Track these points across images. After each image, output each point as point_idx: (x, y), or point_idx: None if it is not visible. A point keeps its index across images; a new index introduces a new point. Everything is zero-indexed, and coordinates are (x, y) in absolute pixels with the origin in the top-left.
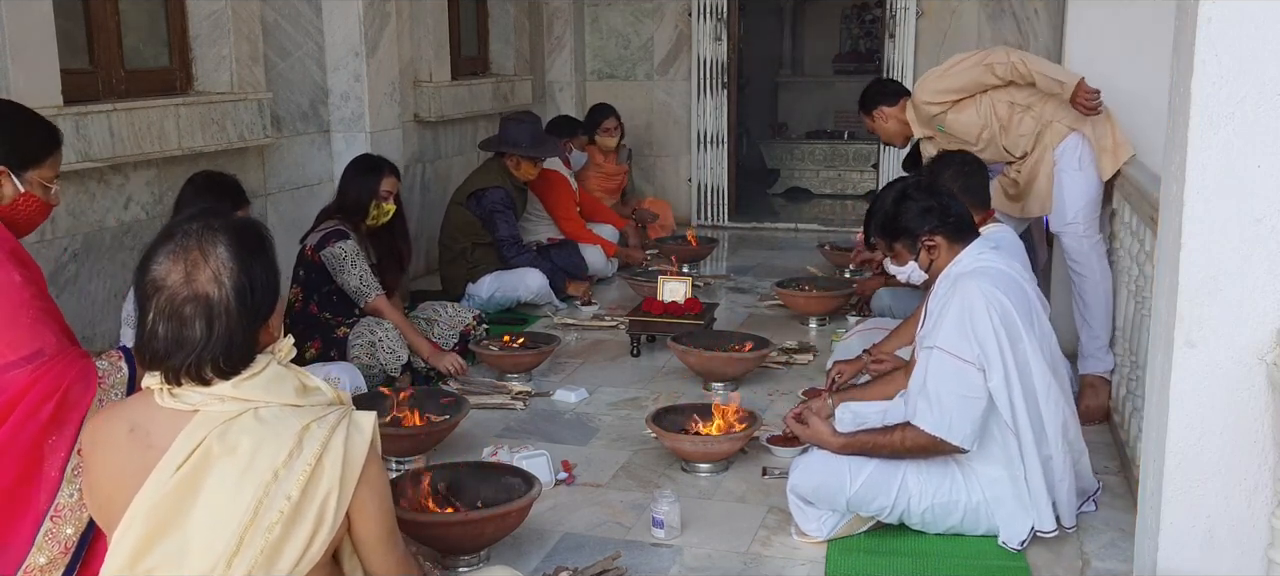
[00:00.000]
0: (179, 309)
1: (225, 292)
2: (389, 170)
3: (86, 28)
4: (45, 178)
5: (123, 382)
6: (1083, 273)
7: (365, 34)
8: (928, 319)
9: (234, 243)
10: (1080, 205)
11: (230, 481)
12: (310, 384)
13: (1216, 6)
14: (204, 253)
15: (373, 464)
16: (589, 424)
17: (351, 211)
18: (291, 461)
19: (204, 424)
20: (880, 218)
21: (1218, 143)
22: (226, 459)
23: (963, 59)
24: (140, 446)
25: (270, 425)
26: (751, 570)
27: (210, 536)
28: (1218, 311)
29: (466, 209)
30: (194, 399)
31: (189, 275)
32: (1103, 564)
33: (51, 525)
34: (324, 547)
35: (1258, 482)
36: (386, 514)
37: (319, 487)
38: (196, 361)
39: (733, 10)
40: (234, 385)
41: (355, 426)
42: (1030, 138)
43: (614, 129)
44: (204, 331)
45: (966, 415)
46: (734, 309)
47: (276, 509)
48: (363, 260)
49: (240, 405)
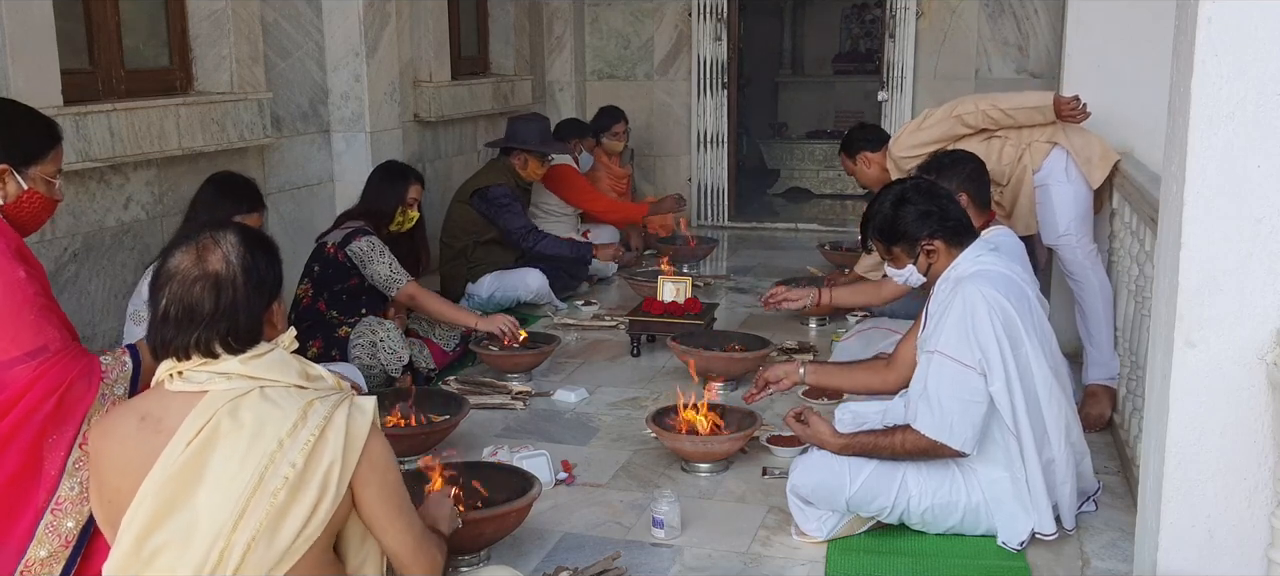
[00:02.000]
0: (190, 288)
1: (233, 269)
2: (415, 178)
3: (86, 28)
4: (48, 174)
5: (126, 378)
6: (1080, 282)
7: (365, 34)
8: (928, 322)
9: (242, 234)
10: (1071, 216)
11: (237, 453)
12: (313, 372)
13: (1216, 6)
14: (215, 240)
15: (376, 440)
16: (589, 424)
17: (377, 217)
18: (296, 431)
19: (213, 402)
20: (878, 221)
21: (1218, 143)
22: (234, 433)
23: (932, 113)
24: (151, 432)
25: (276, 401)
26: (751, 570)
27: (216, 508)
28: (1217, 311)
29: (470, 207)
30: (202, 378)
31: (199, 258)
32: (1103, 564)
33: (52, 518)
34: (326, 520)
35: (1258, 482)
36: (394, 489)
37: (322, 457)
38: (206, 334)
39: (733, 10)
40: (242, 361)
41: (357, 407)
42: (1013, 162)
43: (622, 133)
44: (212, 303)
45: (967, 419)
46: (734, 309)
47: (281, 475)
48: (389, 252)
49: (247, 383)
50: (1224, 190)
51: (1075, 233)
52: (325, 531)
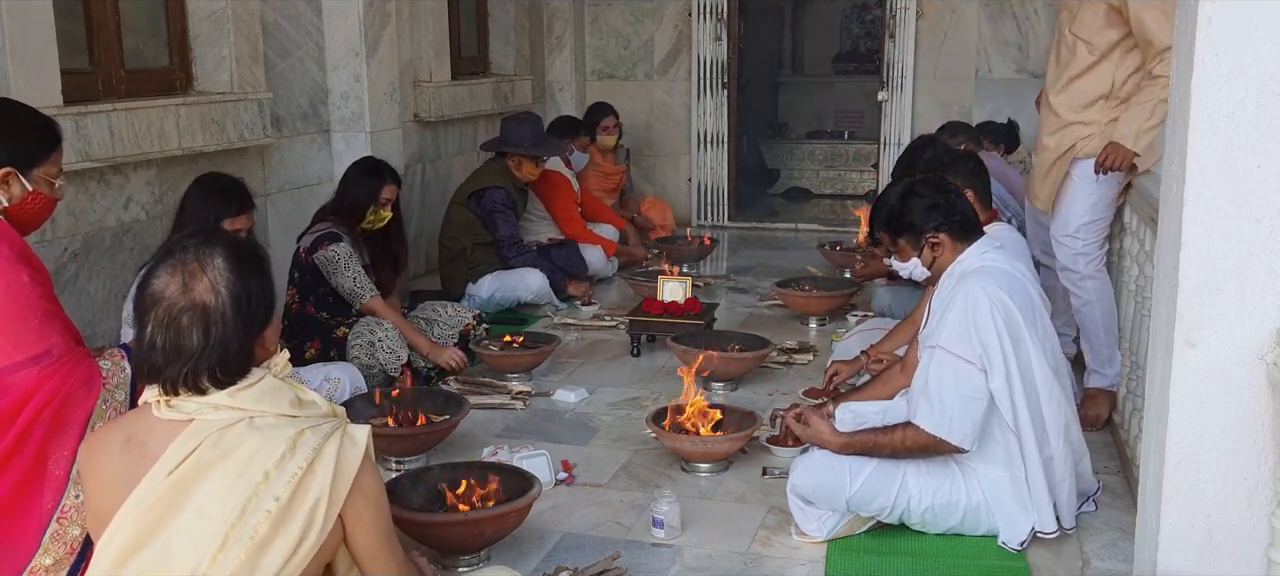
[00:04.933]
0: (176, 318)
1: (222, 301)
2: (391, 177)
3: (86, 28)
4: (50, 174)
5: (125, 382)
6: (1076, 293)
7: (365, 34)
8: (930, 317)
9: (231, 255)
10: (1084, 221)
11: (222, 485)
12: (306, 397)
13: (1216, 6)
14: (202, 264)
15: (368, 473)
16: (589, 424)
17: (348, 211)
18: (283, 464)
19: (198, 431)
20: (885, 213)
21: (1218, 143)
22: (220, 464)
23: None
24: (135, 456)
25: (264, 432)
26: (751, 570)
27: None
28: (1217, 311)
29: (467, 209)
30: (189, 409)
31: (186, 285)
32: (1103, 564)
33: (58, 526)
34: (310, 555)
35: (1258, 482)
36: (382, 521)
37: (309, 492)
38: (193, 370)
39: (733, 10)
40: (230, 394)
41: (349, 438)
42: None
43: (613, 127)
44: (200, 339)
45: (967, 415)
46: (734, 309)
47: (264, 508)
48: (356, 262)
49: (235, 414)
50: (1224, 190)
51: (1082, 240)
52: (314, 562)
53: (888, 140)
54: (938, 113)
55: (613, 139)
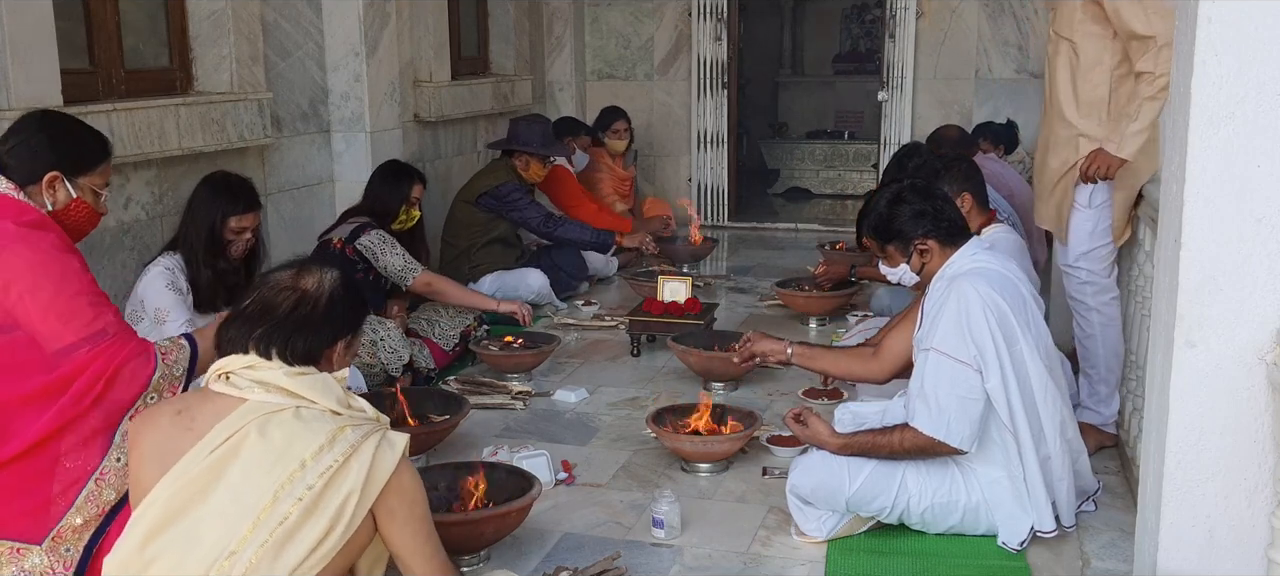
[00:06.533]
0: (278, 291)
1: (320, 292)
2: (418, 177)
3: (86, 28)
4: (95, 185)
5: (185, 360)
6: (1081, 323)
7: (365, 34)
8: (924, 320)
9: (342, 276)
10: (1083, 249)
11: (259, 468)
12: (355, 403)
13: (1216, 6)
14: (317, 270)
15: (406, 473)
16: (589, 424)
17: (380, 216)
18: (320, 455)
19: (247, 412)
20: (873, 219)
21: (1218, 143)
22: (260, 446)
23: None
24: (182, 428)
25: (308, 422)
26: (751, 570)
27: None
28: (1218, 311)
29: (477, 208)
30: (244, 385)
31: (298, 275)
32: (1103, 564)
33: (94, 487)
34: (336, 548)
35: (1258, 482)
36: (419, 520)
37: (342, 485)
38: (269, 333)
39: (733, 10)
40: (288, 375)
41: (387, 441)
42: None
43: (623, 131)
44: (289, 309)
45: (964, 416)
46: (734, 309)
47: (295, 496)
48: (400, 244)
49: (285, 398)
50: (1224, 190)
51: (1086, 269)
52: (340, 556)
53: (888, 140)
54: (938, 113)
55: (623, 143)
